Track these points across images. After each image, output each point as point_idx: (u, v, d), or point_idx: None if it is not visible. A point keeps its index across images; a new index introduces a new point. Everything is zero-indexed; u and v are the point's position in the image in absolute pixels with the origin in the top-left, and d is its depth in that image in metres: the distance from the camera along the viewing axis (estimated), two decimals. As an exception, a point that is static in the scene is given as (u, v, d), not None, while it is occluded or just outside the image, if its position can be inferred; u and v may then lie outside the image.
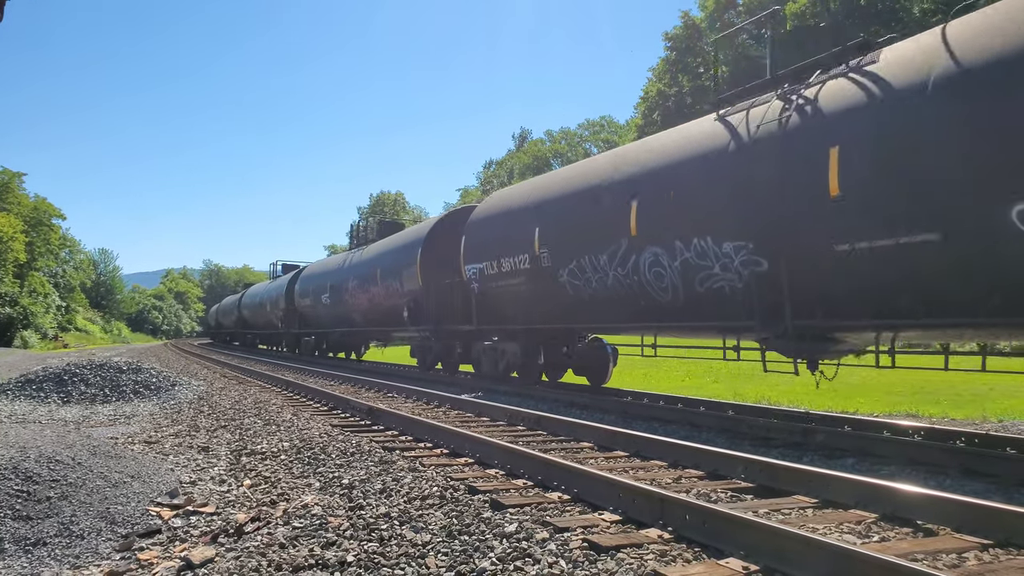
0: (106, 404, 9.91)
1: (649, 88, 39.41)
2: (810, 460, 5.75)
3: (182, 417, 8.61)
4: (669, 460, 5.42)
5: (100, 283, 76.06)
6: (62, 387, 10.52)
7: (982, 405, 9.41)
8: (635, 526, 3.65)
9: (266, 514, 4.02)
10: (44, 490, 4.09)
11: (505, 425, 7.74)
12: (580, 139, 63.77)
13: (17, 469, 4.25)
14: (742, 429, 7.31)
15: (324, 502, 4.23)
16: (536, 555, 3.17)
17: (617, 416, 8.67)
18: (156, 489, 4.64)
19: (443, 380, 13.98)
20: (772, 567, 2.97)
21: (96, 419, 8.46)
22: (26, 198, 50.28)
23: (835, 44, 6.88)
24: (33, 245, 46.73)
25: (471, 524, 3.67)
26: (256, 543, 3.51)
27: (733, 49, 34.00)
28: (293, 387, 12.19)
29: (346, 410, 8.94)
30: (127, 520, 3.97)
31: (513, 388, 11.40)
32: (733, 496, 4.40)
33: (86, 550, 3.56)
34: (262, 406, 9.37)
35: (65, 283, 56.63)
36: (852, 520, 3.76)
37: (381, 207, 75.58)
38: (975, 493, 4.39)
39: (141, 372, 11.57)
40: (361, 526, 3.70)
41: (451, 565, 3.12)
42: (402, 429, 7.18)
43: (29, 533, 3.64)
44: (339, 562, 3.18)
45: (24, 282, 44.17)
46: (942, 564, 3.09)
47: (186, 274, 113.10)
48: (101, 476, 4.55)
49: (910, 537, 3.51)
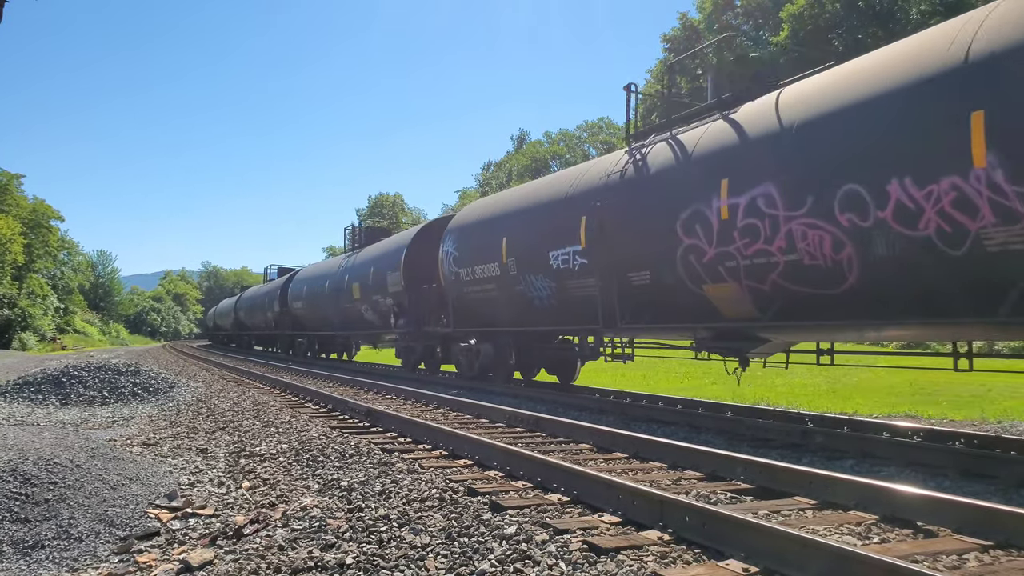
0: (104, 406, 9.89)
1: (647, 90, 39.45)
2: (809, 461, 5.75)
3: (181, 419, 8.59)
4: (668, 461, 5.42)
5: (98, 285, 75.95)
6: (60, 389, 10.49)
7: (981, 406, 9.42)
8: (635, 528, 3.64)
9: (265, 516, 4.01)
10: (42, 492, 4.08)
11: (504, 427, 7.73)
12: (579, 140, 63.78)
13: (15, 471, 4.24)
14: (741, 430, 7.31)
15: (323, 504, 4.22)
16: (536, 557, 3.16)
17: (616, 417, 8.67)
18: (155, 491, 4.63)
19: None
20: (772, 569, 2.97)
21: (94, 421, 8.44)
22: (24, 200, 50.22)
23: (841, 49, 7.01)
24: (31, 247, 46.67)
25: (470, 526, 3.66)
26: (255, 545, 3.50)
27: (731, 51, 34.05)
28: (291, 388, 12.17)
29: (345, 412, 8.93)
30: (125, 522, 3.96)
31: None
32: (733, 497, 4.40)
33: (84, 553, 3.55)
34: (261, 408, 9.36)
35: (63, 285, 56.53)
36: (852, 521, 3.76)
37: (380, 209, 75.45)
38: (975, 494, 4.39)
39: (139, 374, 11.55)
40: (360, 528, 3.69)
41: (450, 567, 3.12)
42: (401, 431, 7.17)
43: (27, 536, 3.62)
44: (338, 564, 3.17)
45: (22, 284, 44.10)
46: (943, 566, 3.08)
47: (184, 276, 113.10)
48: (99, 478, 4.53)
49: (910, 538, 3.51)
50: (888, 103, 5.73)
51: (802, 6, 28.40)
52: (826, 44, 27.00)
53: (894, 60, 5.98)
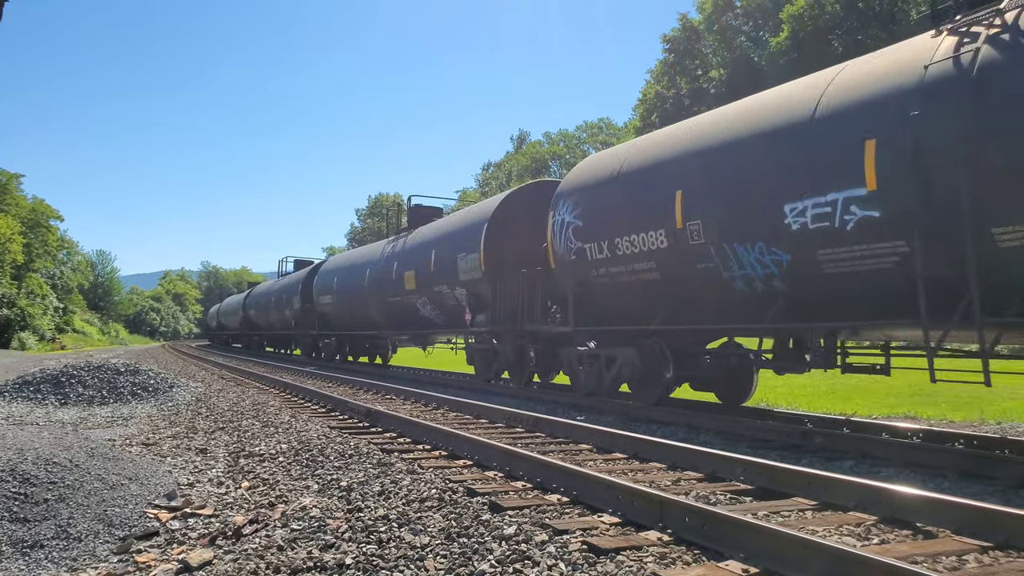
0: (104, 406, 9.88)
1: (647, 90, 39.48)
2: (809, 462, 5.74)
3: (180, 419, 8.58)
4: (668, 462, 5.42)
5: (98, 284, 75.94)
6: (59, 389, 10.48)
7: (980, 407, 9.42)
8: (634, 528, 3.64)
9: (264, 516, 4.01)
10: (41, 492, 4.08)
11: (504, 427, 7.73)
12: (578, 141, 63.80)
13: (14, 471, 4.23)
14: (740, 431, 7.31)
15: (322, 504, 4.21)
16: (535, 557, 3.16)
17: (615, 418, 8.66)
18: (154, 491, 4.62)
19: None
20: (772, 569, 2.97)
21: (94, 421, 8.43)
22: (24, 199, 50.19)
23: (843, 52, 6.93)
24: (31, 246, 46.64)
25: (470, 526, 3.66)
26: (254, 545, 3.49)
27: (732, 51, 34.08)
28: (290, 388, 12.17)
29: (344, 412, 8.92)
30: (125, 522, 3.96)
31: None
32: (732, 498, 4.40)
33: (83, 552, 3.55)
34: (260, 408, 9.35)
35: (63, 284, 56.50)
36: (852, 522, 3.76)
37: (380, 209, 75.41)
38: (974, 495, 4.39)
39: (139, 374, 11.54)
40: (359, 528, 3.69)
41: (450, 568, 3.11)
42: (400, 431, 7.16)
43: (26, 535, 3.62)
44: (337, 564, 3.17)
45: (22, 283, 44.07)
46: (942, 567, 3.08)
47: (184, 276, 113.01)
48: (99, 478, 4.53)
49: (910, 539, 3.51)
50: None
51: (802, 7, 28.41)
52: (826, 45, 27.02)
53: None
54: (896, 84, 5.93)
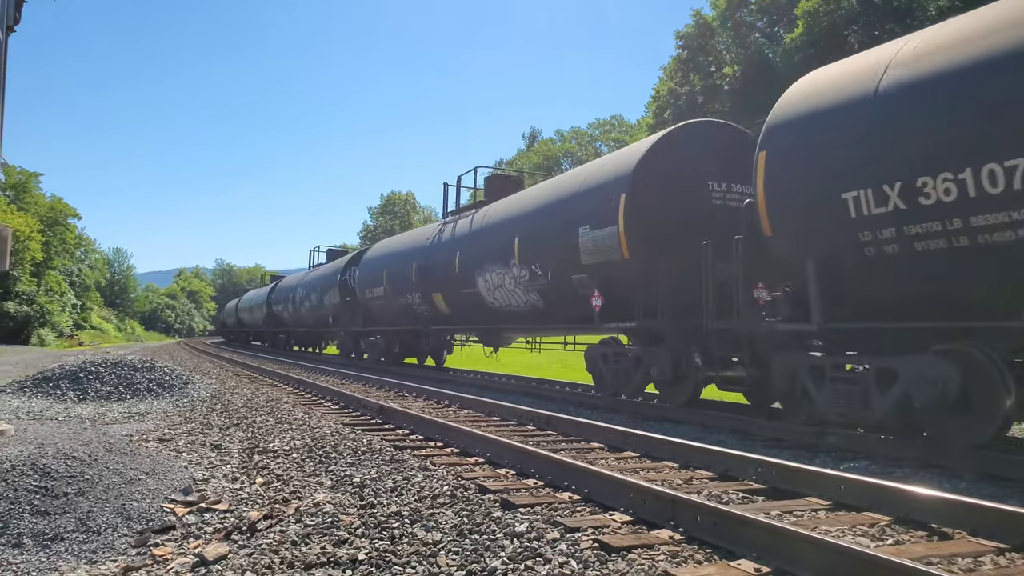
0: (121, 402, 10.01)
1: (660, 87, 39.27)
2: (823, 462, 5.71)
3: (195, 415, 8.68)
4: (680, 461, 5.41)
5: (114, 282, 76.91)
6: (78, 385, 10.63)
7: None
8: (646, 527, 3.64)
9: (278, 512, 4.05)
10: (61, 486, 4.15)
11: (515, 425, 7.75)
12: (591, 139, 63.60)
13: (36, 465, 4.31)
14: (753, 430, 7.27)
15: (336, 500, 4.25)
16: (547, 555, 3.17)
17: (628, 416, 8.65)
18: (170, 486, 4.68)
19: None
20: (784, 569, 2.96)
21: (111, 416, 8.54)
22: (43, 198, 50.86)
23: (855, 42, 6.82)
24: (49, 244, 47.24)
25: (482, 523, 3.67)
26: (269, 540, 3.53)
27: (746, 48, 33.80)
28: (304, 385, 12.25)
29: (357, 408, 8.98)
30: (142, 516, 4.02)
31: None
32: (745, 497, 4.39)
33: (103, 545, 3.60)
34: (273, 404, 9.43)
35: (80, 282, 57.26)
36: (865, 522, 3.74)
37: (392, 207, 75.60)
38: (991, 496, 4.34)
39: (155, 370, 11.67)
40: (372, 524, 3.72)
41: (462, 564, 3.13)
42: (413, 428, 7.20)
43: (47, 528, 3.68)
44: (351, 560, 3.20)
45: (40, 281, 44.67)
46: (958, 568, 3.06)
47: (198, 273, 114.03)
48: (117, 473, 4.60)
49: (925, 540, 3.48)
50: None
51: (817, 2, 28.13)
52: (842, 41, 26.74)
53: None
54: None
